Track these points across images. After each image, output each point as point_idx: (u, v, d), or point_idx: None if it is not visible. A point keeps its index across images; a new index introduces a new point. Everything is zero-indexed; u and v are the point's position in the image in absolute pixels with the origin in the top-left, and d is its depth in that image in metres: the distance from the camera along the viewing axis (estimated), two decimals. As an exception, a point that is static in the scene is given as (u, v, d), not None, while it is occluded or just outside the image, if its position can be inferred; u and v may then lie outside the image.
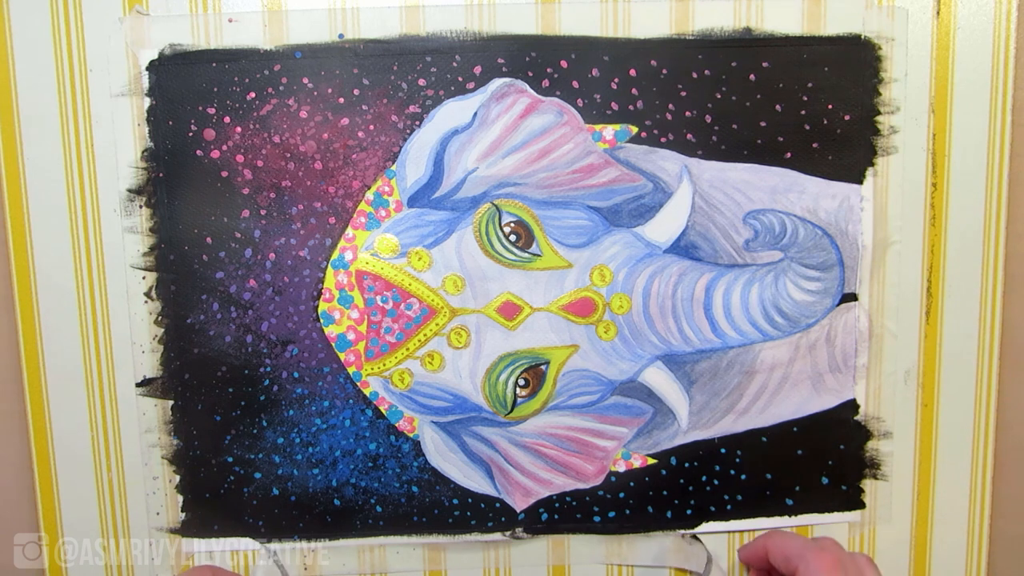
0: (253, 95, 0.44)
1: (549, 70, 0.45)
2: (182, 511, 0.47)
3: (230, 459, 0.47)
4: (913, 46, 0.45)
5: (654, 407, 0.47)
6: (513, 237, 0.46)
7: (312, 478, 0.47)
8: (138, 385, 0.46)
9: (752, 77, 0.45)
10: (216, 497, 0.47)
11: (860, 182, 0.46)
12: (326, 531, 0.48)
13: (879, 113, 0.46)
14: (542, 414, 0.47)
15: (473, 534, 0.48)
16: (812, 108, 0.45)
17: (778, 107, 0.45)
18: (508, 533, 0.48)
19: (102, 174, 0.45)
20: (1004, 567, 0.51)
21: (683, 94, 0.45)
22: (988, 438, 0.49)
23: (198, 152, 0.44)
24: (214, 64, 0.44)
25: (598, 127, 0.45)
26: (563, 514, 0.48)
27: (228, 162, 0.45)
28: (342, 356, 0.46)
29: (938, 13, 0.45)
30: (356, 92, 0.44)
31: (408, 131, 0.45)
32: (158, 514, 0.47)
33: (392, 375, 0.46)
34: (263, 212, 0.45)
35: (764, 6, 0.45)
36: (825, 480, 0.49)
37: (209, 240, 0.45)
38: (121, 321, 0.46)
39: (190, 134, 0.44)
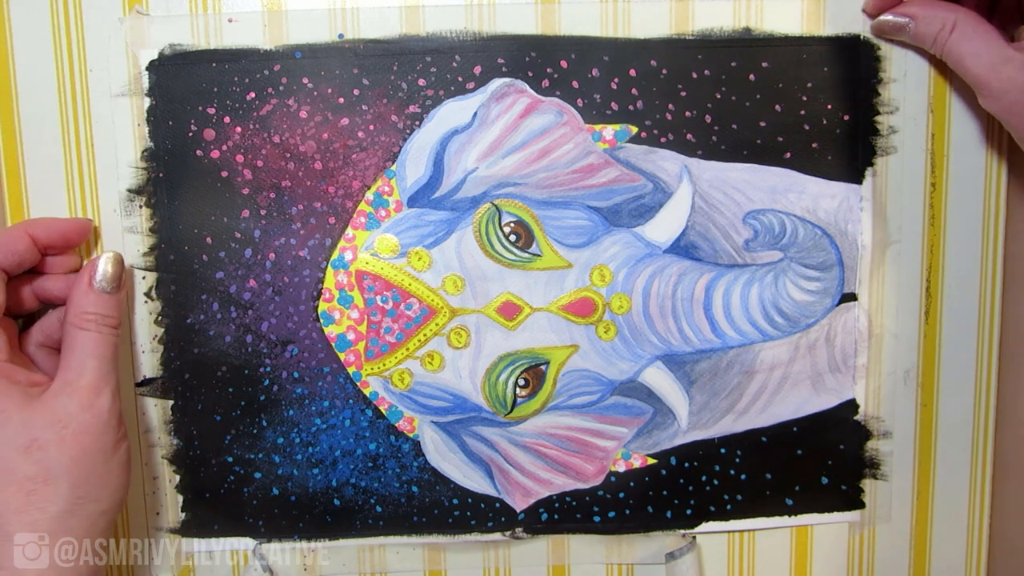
0: (253, 95, 0.44)
1: (549, 70, 0.45)
2: (182, 511, 0.47)
3: (230, 459, 0.47)
4: (912, 46, 0.45)
5: (654, 407, 0.47)
6: (513, 237, 0.46)
7: (312, 478, 0.47)
8: (138, 385, 0.46)
9: (752, 77, 0.45)
10: (216, 497, 0.47)
11: (859, 182, 0.46)
12: (326, 531, 0.48)
13: (878, 113, 0.46)
14: (542, 414, 0.47)
15: (473, 534, 0.48)
16: (812, 108, 0.46)
17: (778, 107, 0.45)
18: (508, 533, 0.48)
19: (102, 174, 0.45)
20: (1004, 567, 0.51)
21: (683, 94, 0.45)
22: (988, 438, 0.49)
23: (198, 152, 0.44)
24: (214, 64, 0.44)
25: (598, 127, 0.45)
26: (563, 514, 0.48)
27: (228, 162, 0.45)
28: (342, 356, 0.46)
29: (937, 13, 0.45)
30: (356, 92, 0.44)
31: (408, 131, 0.45)
32: (158, 514, 0.47)
33: (392, 375, 0.46)
34: (263, 212, 0.45)
35: (764, 6, 0.45)
36: (825, 480, 0.49)
37: (209, 240, 0.45)
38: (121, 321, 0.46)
39: (190, 134, 0.44)
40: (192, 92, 0.44)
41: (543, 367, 0.46)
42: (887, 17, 0.43)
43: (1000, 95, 0.41)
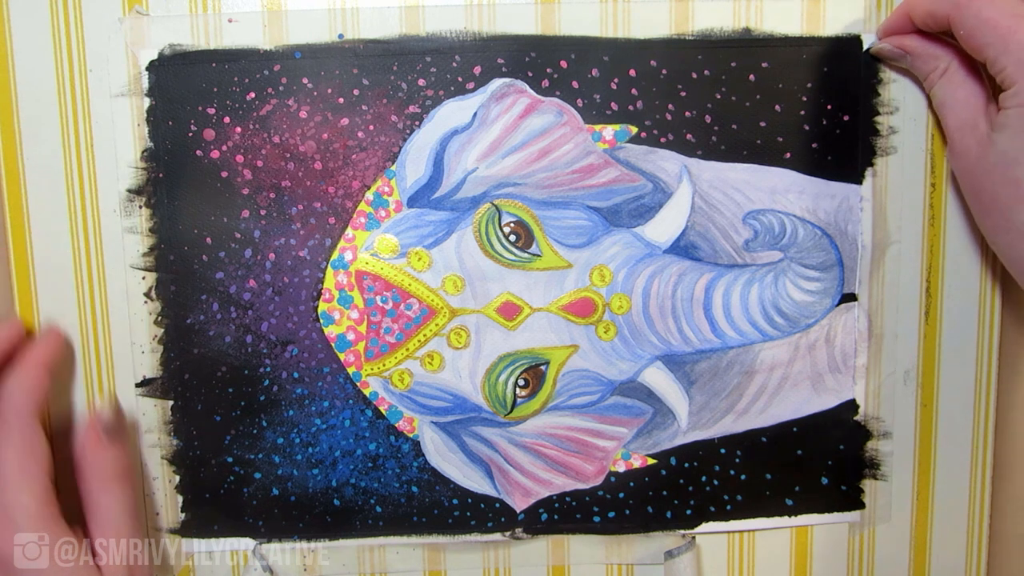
0: (253, 95, 0.44)
1: (549, 70, 0.45)
2: (182, 511, 0.47)
3: (230, 459, 0.47)
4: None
5: (654, 407, 0.47)
6: (513, 237, 0.46)
7: (312, 478, 0.47)
8: (138, 385, 0.46)
9: (752, 77, 0.45)
10: (216, 497, 0.47)
11: (859, 182, 0.46)
12: (326, 531, 0.48)
13: (878, 113, 0.46)
14: (542, 414, 0.47)
15: (473, 534, 0.48)
16: (812, 108, 0.46)
17: (778, 107, 0.45)
18: (508, 533, 0.48)
19: (102, 174, 0.45)
20: (1004, 567, 0.51)
21: (683, 94, 0.45)
22: (988, 438, 0.49)
23: (198, 152, 0.44)
24: (214, 64, 0.44)
25: (598, 127, 0.45)
26: (563, 514, 0.48)
27: (228, 162, 0.45)
28: (342, 356, 0.46)
29: (937, 13, 0.45)
30: (356, 92, 0.44)
31: (408, 131, 0.45)
32: (158, 514, 0.47)
33: (392, 375, 0.46)
34: (263, 212, 0.45)
35: (764, 6, 0.45)
36: (825, 480, 0.49)
37: (209, 240, 0.45)
38: (121, 321, 0.46)
39: (190, 134, 0.44)
40: (192, 92, 0.44)
41: (543, 367, 0.46)
42: (886, 46, 0.43)
43: (957, 157, 0.41)
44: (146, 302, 0.46)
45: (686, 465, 0.48)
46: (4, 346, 0.42)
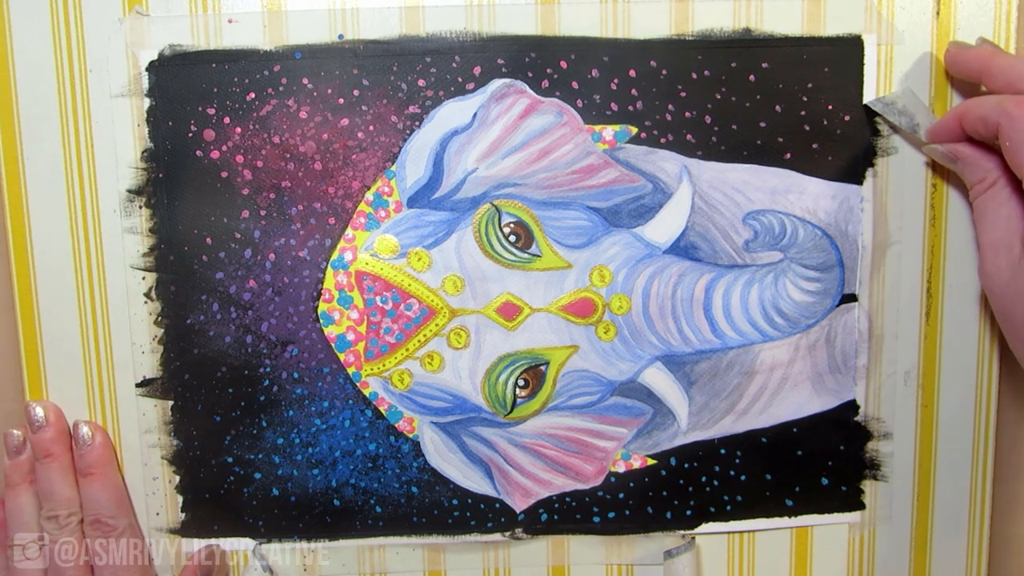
0: (253, 95, 0.44)
1: (549, 71, 0.45)
2: (182, 511, 0.47)
3: (230, 459, 0.47)
4: (913, 46, 0.45)
5: (654, 408, 0.47)
6: (513, 238, 0.46)
7: (312, 478, 0.47)
8: (138, 385, 0.46)
9: (752, 77, 0.45)
10: (216, 497, 0.47)
11: (860, 182, 0.46)
12: (326, 531, 0.48)
13: (879, 113, 0.46)
14: (542, 415, 0.47)
15: (473, 535, 0.48)
16: (812, 108, 0.45)
17: (778, 107, 0.45)
18: (508, 534, 0.48)
19: (102, 174, 0.45)
20: (1004, 568, 0.51)
21: (683, 95, 0.45)
22: (988, 438, 0.49)
23: (198, 152, 0.44)
24: (214, 65, 0.44)
25: (598, 128, 0.45)
26: (563, 515, 0.48)
27: (228, 162, 0.45)
28: (342, 357, 0.46)
29: (938, 13, 0.45)
30: (356, 93, 0.44)
31: (408, 132, 0.45)
32: (158, 514, 0.47)
33: (392, 375, 0.46)
34: (263, 212, 0.45)
35: (764, 6, 0.45)
36: (825, 481, 0.49)
37: (209, 240, 0.45)
38: (121, 321, 0.46)
39: (190, 134, 0.44)
40: (192, 92, 0.44)
41: (543, 367, 0.46)
42: (939, 148, 0.43)
43: (988, 276, 0.41)
44: (146, 302, 0.46)
45: (686, 465, 0.48)
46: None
